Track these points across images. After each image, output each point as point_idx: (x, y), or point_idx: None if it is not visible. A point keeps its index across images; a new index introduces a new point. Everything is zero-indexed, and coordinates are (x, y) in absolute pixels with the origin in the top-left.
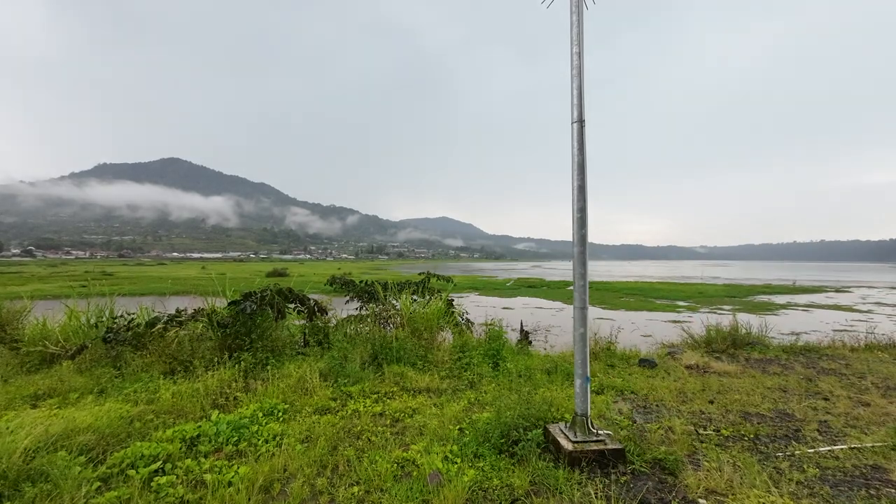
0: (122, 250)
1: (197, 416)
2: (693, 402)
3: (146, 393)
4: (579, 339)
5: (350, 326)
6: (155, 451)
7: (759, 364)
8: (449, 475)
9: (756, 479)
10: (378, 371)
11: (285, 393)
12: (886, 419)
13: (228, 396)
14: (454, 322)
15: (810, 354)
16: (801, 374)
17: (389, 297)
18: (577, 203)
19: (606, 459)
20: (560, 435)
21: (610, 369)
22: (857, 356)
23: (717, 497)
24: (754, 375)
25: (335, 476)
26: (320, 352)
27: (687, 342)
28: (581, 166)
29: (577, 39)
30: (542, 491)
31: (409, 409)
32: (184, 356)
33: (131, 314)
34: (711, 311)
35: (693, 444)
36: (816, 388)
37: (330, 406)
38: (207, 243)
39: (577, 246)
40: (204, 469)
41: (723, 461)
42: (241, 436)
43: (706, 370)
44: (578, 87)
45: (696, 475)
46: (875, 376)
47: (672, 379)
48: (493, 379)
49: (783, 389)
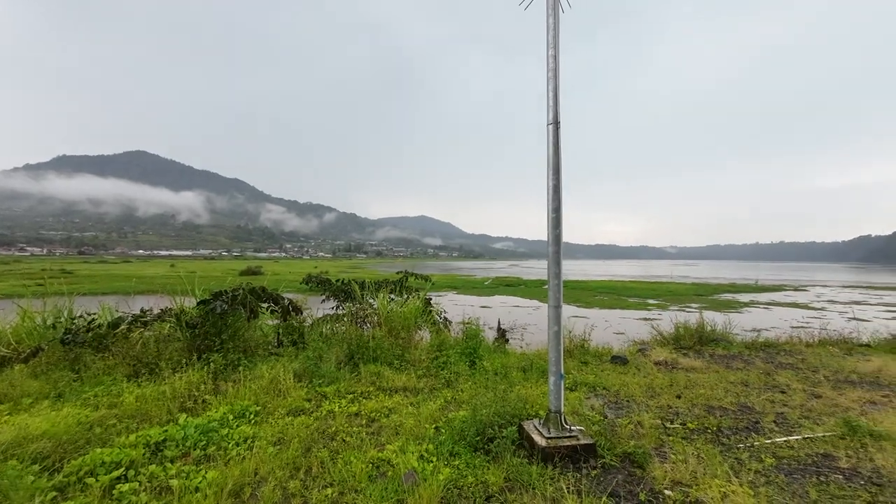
0: (83, 247)
1: (163, 420)
2: (661, 396)
3: (108, 397)
4: (553, 338)
5: (326, 326)
6: (117, 458)
7: (724, 360)
8: (424, 474)
9: (718, 470)
10: (354, 371)
11: (257, 394)
12: (836, 410)
13: (197, 399)
14: (432, 321)
15: (770, 350)
16: (761, 369)
17: (366, 296)
18: (551, 203)
19: (578, 454)
20: (534, 431)
21: (584, 366)
22: (812, 351)
23: (682, 488)
24: (718, 371)
25: (308, 478)
26: (295, 352)
27: (657, 339)
28: (556, 167)
29: (553, 42)
30: (516, 487)
31: (386, 409)
32: (149, 358)
33: (92, 314)
34: (680, 308)
35: (661, 437)
36: (775, 382)
37: (304, 407)
38: (177, 240)
39: (551, 245)
40: (170, 475)
41: (688, 453)
42: (209, 439)
43: (674, 366)
44: (554, 89)
45: (663, 467)
46: (827, 370)
47: (642, 375)
48: (469, 377)
49: (745, 384)
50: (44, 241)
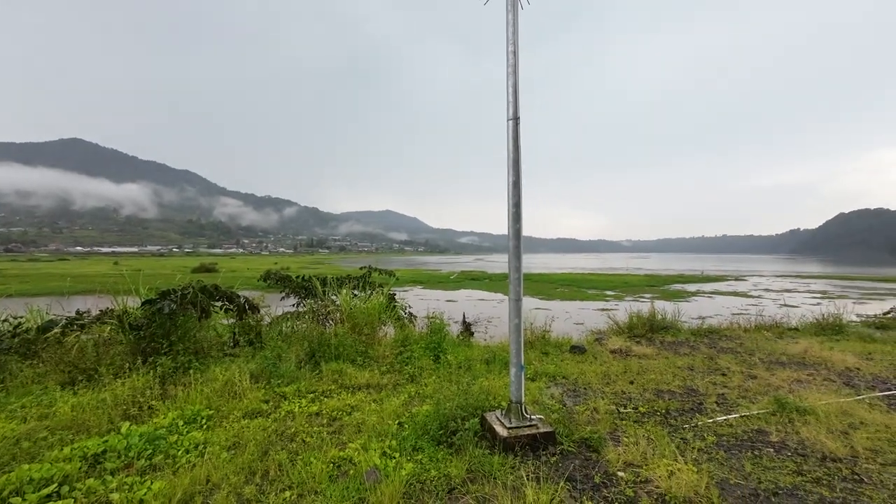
0: (10, 244)
1: (103, 430)
2: (616, 383)
3: (38, 408)
4: (514, 330)
5: (286, 324)
6: (48, 473)
7: (672, 346)
8: (387, 471)
9: (666, 450)
10: (315, 369)
11: (210, 398)
12: (769, 389)
13: (142, 406)
14: (396, 316)
15: (713, 336)
16: (705, 354)
17: (329, 292)
18: (512, 198)
19: (538, 442)
20: (496, 422)
21: (544, 357)
22: (749, 336)
23: (633, 469)
24: (668, 357)
25: (265, 482)
26: (252, 352)
27: (613, 329)
28: (516, 162)
29: (513, 38)
30: (478, 478)
31: (348, 407)
32: (87, 364)
33: (19, 318)
34: (635, 299)
35: (615, 422)
36: (717, 366)
37: (261, 409)
38: (120, 236)
39: (512, 240)
40: (110, 488)
41: (639, 436)
42: (156, 448)
43: (628, 354)
44: (514, 85)
45: (616, 450)
46: (761, 353)
47: (599, 363)
48: (434, 371)
49: (690, 368)
50: None
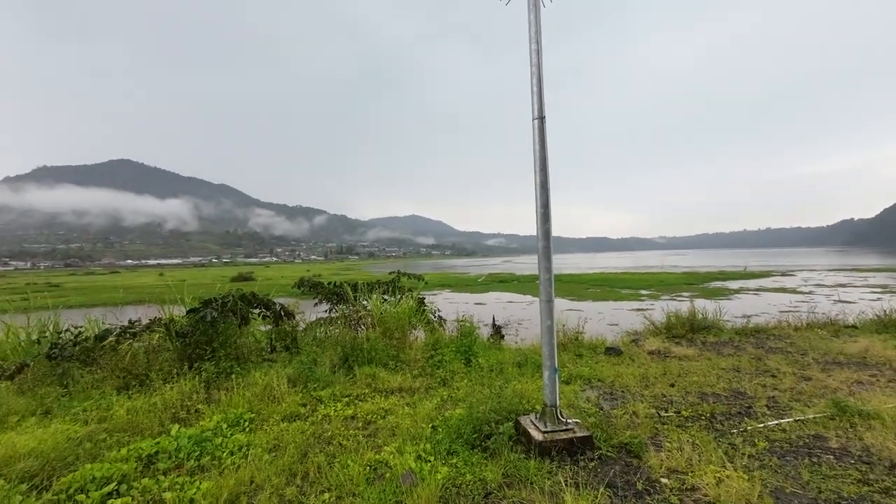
0: (68, 259)
1: (155, 432)
2: (655, 386)
3: (98, 411)
4: (546, 332)
5: (319, 329)
6: (108, 473)
7: (715, 347)
8: (422, 474)
9: (712, 456)
10: (349, 373)
11: (251, 402)
12: (826, 391)
13: (189, 409)
14: (426, 320)
15: (760, 335)
16: (751, 354)
17: (359, 297)
18: (539, 199)
19: (575, 447)
20: (530, 426)
21: (578, 359)
22: (800, 335)
23: (677, 475)
24: (710, 358)
25: (305, 484)
26: (288, 357)
27: (649, 329)
28: (543, 162)
29: (536, 37)
30: (515, 483)
31: (382, 411)
32: (139, 370)
33: (79, 328)
34: (671, 298)
35: (655, 426)
36: (765, 367)
37: (299, 412)
38: (165, 249)
39: (541, 241)
40: (163, 487)
41: (682, 441)
42: (203, 449)
43: (667, 355)
44: (538, 84)
45: (659, 456)
46: (815, 352)
47: (636, 365)
48: (465, 375)
49: (736, 369)
50: (27, 255)
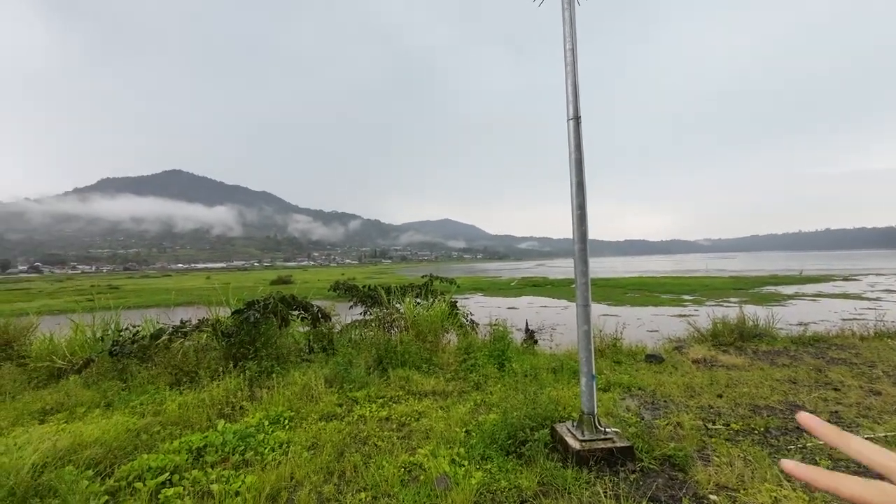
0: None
1: (203, 427)
2: (701, 396)
3: (152, 405)
4: (583, 337)
5: (354, 331)
6: (162, 463)
7: (768, 356)
8: (456, 478)
9: (767, 473)
10: (383, 375)
11: (291, 400)
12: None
13: (234, 406)
14: (458, 324)
15: (819, 344)
16: (810, 365)
17: (393, 300)
18: (575, 200)
19: (615, 457)
20: (567, 434)
21: (616, 366)
22: (867, 345)
23: (728, 492)
24: (763, 368)
25: (342, 482)
26: (325, 358)
27: (693, 336)
28: (579, 163)
29: (570, 36)
30: (551, 492)
31: (415, 413)
32: (189, 367)
33: (136, 327)
34: (717, 304)
35: (702, 439)
36: (826, 379)
37: (336, 412)
38: (212, 253)
39: (577, 243)
40: (211, 479)
41: (733, 456)
42: (247, 445)
43: (714, 364)
44: (573, 84)
45: (706, 471)
46: (885, 364)
47: (679, 374)
48: (498, 380)
49: (792, 381)
50: (92, 259)
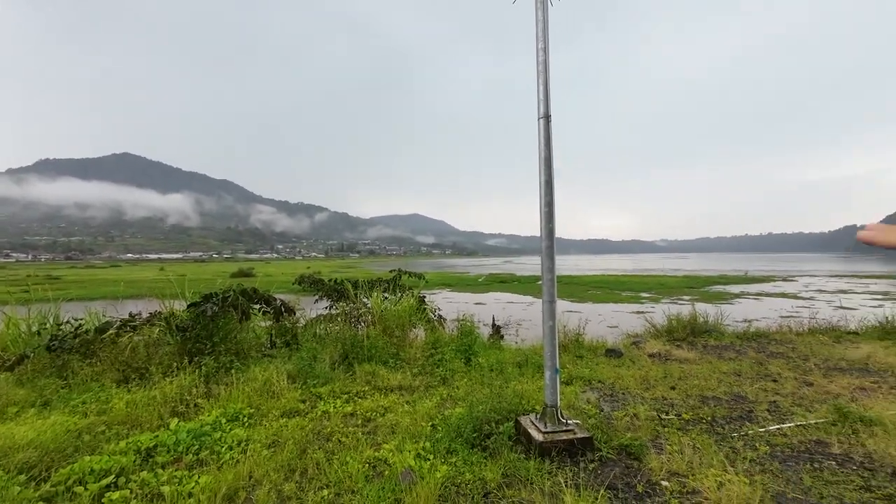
0: (69, 252)
1: (154, 426)
2: (656, 388)
3: (97, 404)
4: (548, 332)
5: (320, 326)
6: (106, 465)
7: (716, 350)
8: (421, 472)
9: (713, 459)
10: (349, 370)
11: (251, 397)
12: (827, 397)
13: (189, 403)
14: (426, 319)
15: (761, 340)
16: (753, 359)
17: (360, 295)
18: (544, 198)
19: (576, 448)
20: (531, 426)
21: (578, 360)
22: (802, 340)
23: (678, 478)
24: (711, 361)
25: (304, 480)
26: (288, 353)
27: (650, 332)
28: (548, 161)
29: (543, 36)
30: (514, 483)
31: (381, 408)
32: (139, 363)
33: (79, 320)
34: (672, 301)
35: (656, 428)
36: (767, 371)
37: (298, 408)
38: (166, 243)
39: (544, 240)
40: (161, 481)
41: (683, 444)
42: (202, 444)
43: (668, 358)
44: (544, 83)
45: (659, 458)
46: (817, 358)
47: (637, 367)
48: (465, 374)
49: (737, 373)
50: (28, 247)
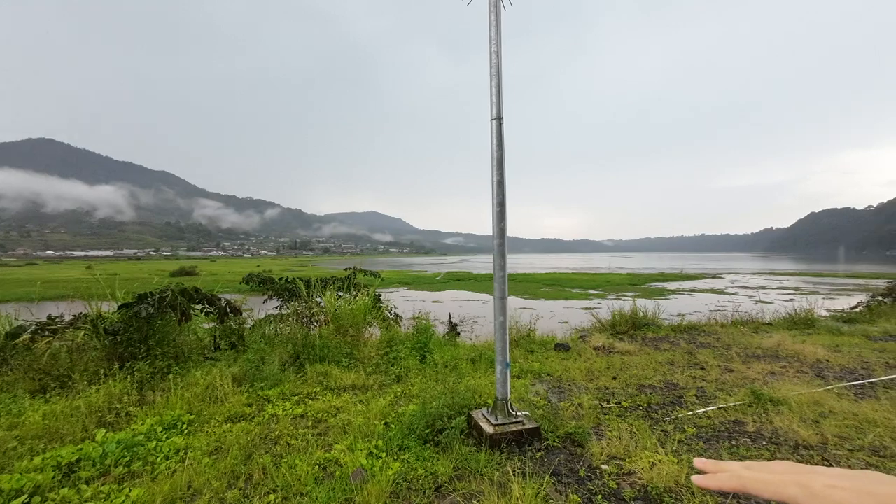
0: None
1: (77, 438)
2: (599, 379)
3: (7, 417)
4: (499, 328)
5: (269, 326)
6: (18, 484)
7: (654, 342)
8: (373, 470)
9: (647, 442)
10: (300, 371)
11: (191, 403)
12: (745, 381)
13: (119, 412)
14: (382, 317)
15: (692, 332)
16: (685, 349)
17: (313, 294)
18: (496, 197)
19: (524, 438)
20: (482, 420)
21: (529, 354)
22: (726, 331)
23: (616, 461)
24: (649, 352)
25: (249, 486)
26: (234, 355)
27: (596, 326)
28: (500, 161)
29: (496, 38)
30: (465, 475)
31: (333, 409)
32: (59, 370)
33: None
34: (617, 297)
35: (598, 416)
36: (696, 360)
37: (244, 412)
38: (94, 240)
39: (496, 238)
40: (85, 497)
41: (622, 430)
42: (134, 455)
43: (611, 350)
44: (497, 86)
45: (600, 444)
46: (738, 347)
47: (583, 360)
48: (420, 371)
49: (671, 363)
50: None
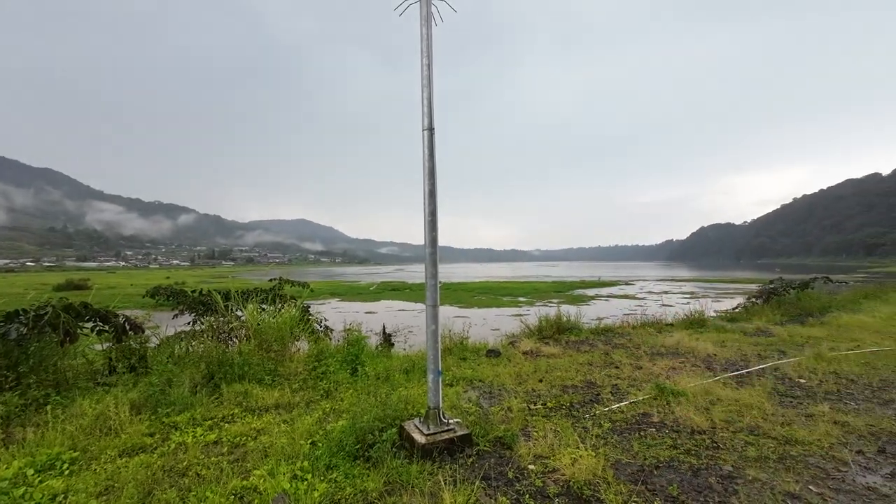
0: None
1: None
2: (527, 382)
3: None
4: (431, 336)
5: (179, 345)
6: None
7: (575, 345)
8: (297, 495)
9: (570, 440)
10: (215, 393)
11: (74, 437)
12: (651, 377)
13: None
14: (310, 330)
15: (608, 334)
16: (602, 350)
17: (232, 307)
18: (428, 207)
19: (455, 446)
20: (414, 430)
21: (462, 362)
22: (636, 332)
23: (542, 460)
24: (571, 355)
25: None
26: (134, 379)
27: (524, 332)
28: (431, 172)
29: (427, 51)
30: (396, 489)
31: (253, 431)
32: None
33: None
34: (544, 304)
35: (526, 418)
36: (611, 360)
37: (144, 443)
38: None
39: (428, 248)
40: None
41: (547, 429)
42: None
43: (538, 354)
44: (428, 97)
45: (528, 445)
46: (646, 346)
47: (512, 365)
48: (351, 385)
49: (590, 364)
50: None
